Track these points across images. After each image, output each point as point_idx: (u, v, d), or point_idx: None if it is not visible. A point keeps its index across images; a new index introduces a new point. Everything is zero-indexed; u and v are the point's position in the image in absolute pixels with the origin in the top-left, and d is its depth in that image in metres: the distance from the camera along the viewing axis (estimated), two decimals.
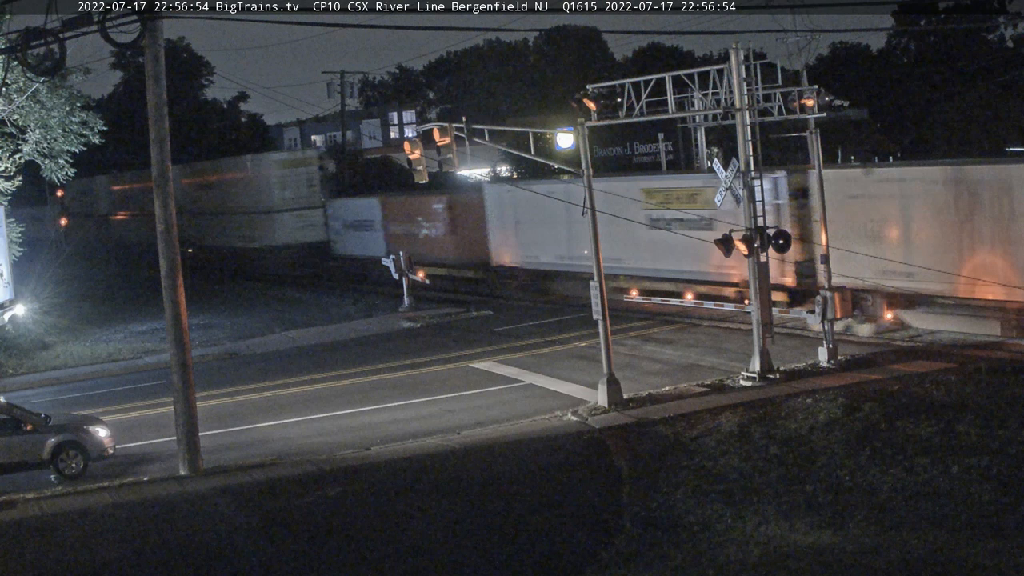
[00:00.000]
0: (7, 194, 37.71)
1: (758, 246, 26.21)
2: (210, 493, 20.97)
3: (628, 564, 16.73)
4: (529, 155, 27.93)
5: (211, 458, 22.90)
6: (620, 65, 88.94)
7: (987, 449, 19.35)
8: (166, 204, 22.41)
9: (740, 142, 26.55)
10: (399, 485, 20.89)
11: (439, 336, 37.27)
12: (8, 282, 38.70)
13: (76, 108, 37.76)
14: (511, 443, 22.97)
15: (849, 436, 20.99)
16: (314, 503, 20.15)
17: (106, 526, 19.63)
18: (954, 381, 24.09)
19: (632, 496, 19.59)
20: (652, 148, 56.11)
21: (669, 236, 35.47)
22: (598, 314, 25.78)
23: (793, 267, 31.80)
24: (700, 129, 37.79)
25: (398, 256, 42.81)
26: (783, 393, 24.68)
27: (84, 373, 35.52)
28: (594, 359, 27.26)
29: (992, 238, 27.71)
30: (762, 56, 27.61)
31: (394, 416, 26.50)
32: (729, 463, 20.48)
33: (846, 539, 16.50)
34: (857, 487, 18.54)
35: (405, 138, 72.54)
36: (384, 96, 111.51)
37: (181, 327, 22.61)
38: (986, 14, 62.05)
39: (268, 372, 33.27)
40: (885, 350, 28.35)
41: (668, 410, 24.33)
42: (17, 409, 24.06)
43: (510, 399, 27.34)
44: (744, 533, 17.22)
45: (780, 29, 31.53)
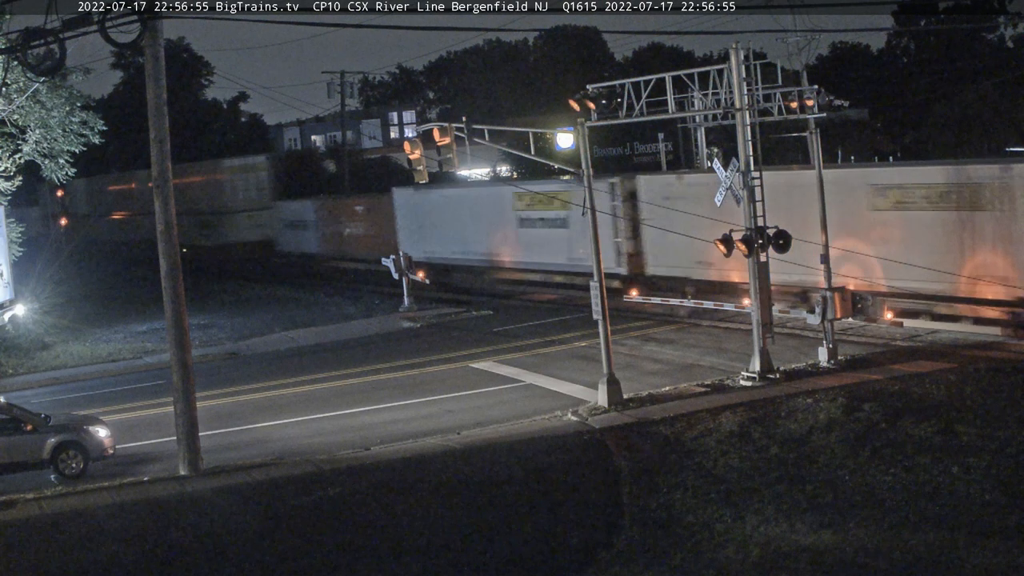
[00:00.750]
0: (7, 194, 37.71)
1: (759, 246, 26.21)
2: (210, 493, 20.97)
3: (628, 564, 16.73)
4: (529, 155, 27.93)
5: (211, 458, 22.89)
6: (620, 65, 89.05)
7: (987, 449, 19.35)
8: (166, 204, 22.40)
9: (740, 142, 26.55)
10: (399, 485, 20.88)
11: (439, 336, 37.28)
12: (8, 282, 38.72)
13: (76, 108, 37.76)
14: (511, 443, 22.97)
15: (849, 436, 20.99)
16: (314, 503, 20.14)
17: (106, 526, 19.62)
18: (954, 381, 24.09)
19: (632, 496, 19.59)
20: (652, 148, 56.30)
21: (536, 232, 41.60)
22: (598, 314, 25.79)
23: (627, 258, 38.27)
24: (700, 129, 37.84)
25: (398, 256, 42.83)
26: (783, 393, 24.67)
27: (84, 373, 35.51)
28: (594, 359, 27.26)
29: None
30: (762, 56, 27.62)
31: (394, 416, 26.50)
32: (729, 463, 20.48)
33: (846, 539, 16.50)
34: (857, 487, 18.54)
35: (405, 138, 72.62)
36: (384, 96, 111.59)
37: (181, 327, 22.61)
38: (986, 14, 62.10)
39: (268, 372, 33.28)
40: (885, 350, 28.35)
41: (668, 410, 24.33)
42: (17, 409, 24.07)
43: (510, 399, 27.34)
44: (744, 533, 17.22)
45: (780, 29, 31.68)
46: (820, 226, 27.68)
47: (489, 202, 45.27)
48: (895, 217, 29.87)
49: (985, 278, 27.54)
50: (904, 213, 29.54)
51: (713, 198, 27.02)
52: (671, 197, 35.63)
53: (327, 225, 58.01)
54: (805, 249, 27.21)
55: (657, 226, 34.17)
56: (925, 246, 28.91)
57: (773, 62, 28.96)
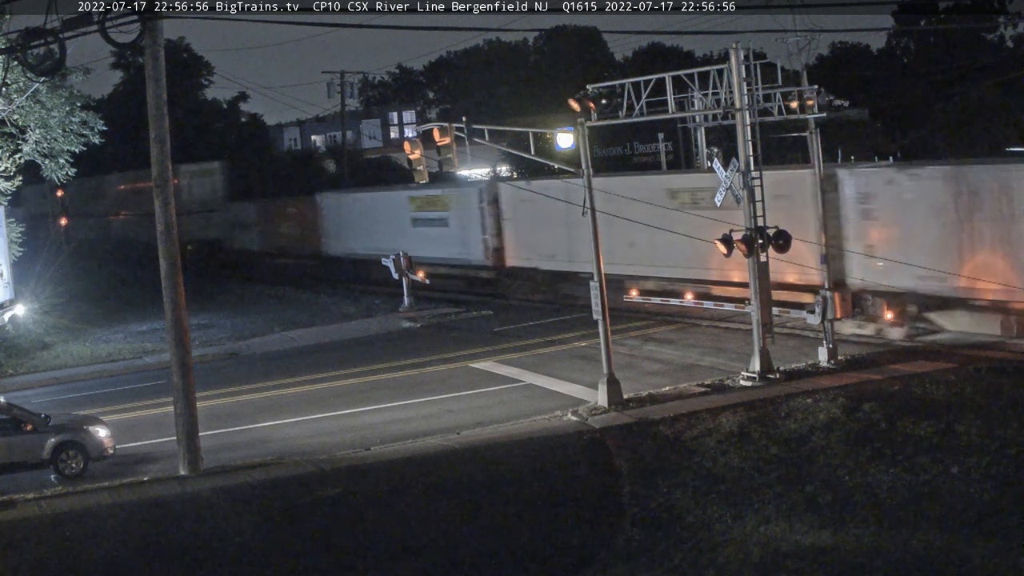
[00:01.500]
0: (7, 194, 37.69)
1: (759, 246, 26.21)
2: (210, 493, 20.96)
3: (628, 564, 16.74)
4: (529, 155, 27.93)
5: (211, 458, 22.90)
6: (620, 65, 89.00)
7: (987, 449, 19.34)
8: (166, 204, 22.41)
9: (740, 142, 26.55)
10: (399, 485, 20.88)
11: (439, 336, 37.28)
12: (8, 282, 38.70)
13: (76, 108, 37.72)
14: (511, 443, 22.97)
15: (849, 436, 20.98)
16: (314, 503, 20.14)
17: (106, 526, 19.62)
18: (954, 381, 24.08)
19: (632, 496, 19.58)
20: (652, 148, 56.41)
21: (425, 230, 47.54)
22: (598, 314, 25.79)
23: (492, 252, 43.57)
24: (700, 129, 37.78)
25: (398, 256, 42.83)
26: (783, 393, 24.66)
27: (84, 373, 35.51)
28: (594, 359, 27.26)
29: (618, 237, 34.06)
30: (762, 56, 27.56)
31: (394, 416, 26.50)
32: (729, 463, 20.47)
33: (846, 539, 16.50)
34: (857, 487, 18.53)
35: (405, 138, 72.76)
36: (384, 96, 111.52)
37: (181, 327, 22.61)
38: (986, 14, 62.10)
39: (268, 372, 33.28)
40: (885, 350, 28.34)
41: (668, 410, 24.33)
42: (17, 409, 24.08)
43: (510, 399, 27.34)
44: (744, 533, 17.23)
45: (780, 29, 31.61)
46: (819, 226, 27.67)
47: (390, 205, 51.34)
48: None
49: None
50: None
51: (552, 202, 29.99)
52: (524, 200, 41.09)
53: (266, 225, 64.17)
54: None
55: (512, 225, 42.46)
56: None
57: (773, 62, 28.90)
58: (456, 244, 45.90)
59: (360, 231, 52.77)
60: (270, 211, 64.04)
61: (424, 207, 48.29)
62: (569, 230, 37.24)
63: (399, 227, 49.18)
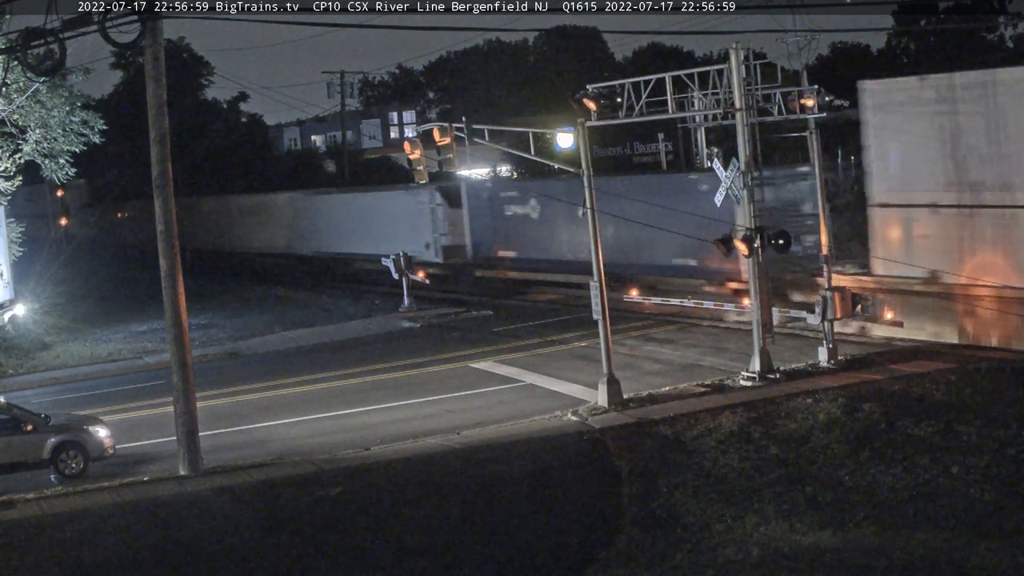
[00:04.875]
0: (7, 194, 37.69)
1: (759, 246, 26.20)
2: (210, 493, 20.97)
3: (628, 564, 16.73)
4: (529, 155, 27.92)
5: (211, 458, 22.90)
6: (620, 65, 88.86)
7: (987, 449, 19.36)
8: (166, 204, 22.40)
9: (740, 142, 26.56)
10: (399, 485, 20.88)
11: (439, 336, 37.28)
12: (8, 282, 38.70)
13: (76, 108, 37.72)
14: (511, 443, 22.97)
15: (849, 436, 20.99)
16: (314, 503, 20.15)
17: (106, 526, 19.62)
18: (954, 381, 24.09)
19: (632, 496, 19.58)
20: (652, 148, 56.32)
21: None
22: (598, 314, 25.78)
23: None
24: (700, 129, 37.72)
25: (398, 256, 42.85)
26: (783, 393, 24.67)
27: (84, 373, 35.51)
28: (594, 359, 27.26)
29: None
30: (762, 56, 27.55)
31: (394, 416, 26.50)
32: (729, 463, 20.48)
33: (846, 539, 16.51)
34: (857, 487, 18.54)
35: (405, 138, 72.61)
36: (384, 96, 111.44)
37: (181, 327, 22.60)
38: (986, 14, 62.02)
39: (268, 372, 33.27)
40: (885, 350, 28.35)
41: (668, 410, 24.33)
42: (17, 409, 24.07)
43: (510, 399, 27.34)
44: (744, 533, 17.23)
45: (780, 29, 31.44)
46: (822, 226, 27.64)
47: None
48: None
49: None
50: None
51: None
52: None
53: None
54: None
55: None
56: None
57: (773, 62, 28.89)
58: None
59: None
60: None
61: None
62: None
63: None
